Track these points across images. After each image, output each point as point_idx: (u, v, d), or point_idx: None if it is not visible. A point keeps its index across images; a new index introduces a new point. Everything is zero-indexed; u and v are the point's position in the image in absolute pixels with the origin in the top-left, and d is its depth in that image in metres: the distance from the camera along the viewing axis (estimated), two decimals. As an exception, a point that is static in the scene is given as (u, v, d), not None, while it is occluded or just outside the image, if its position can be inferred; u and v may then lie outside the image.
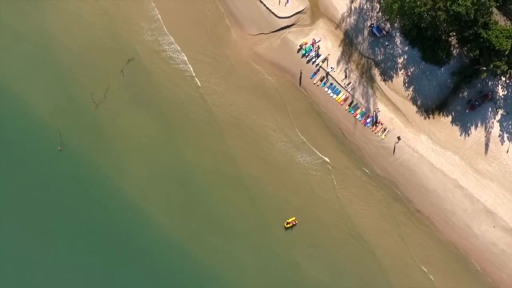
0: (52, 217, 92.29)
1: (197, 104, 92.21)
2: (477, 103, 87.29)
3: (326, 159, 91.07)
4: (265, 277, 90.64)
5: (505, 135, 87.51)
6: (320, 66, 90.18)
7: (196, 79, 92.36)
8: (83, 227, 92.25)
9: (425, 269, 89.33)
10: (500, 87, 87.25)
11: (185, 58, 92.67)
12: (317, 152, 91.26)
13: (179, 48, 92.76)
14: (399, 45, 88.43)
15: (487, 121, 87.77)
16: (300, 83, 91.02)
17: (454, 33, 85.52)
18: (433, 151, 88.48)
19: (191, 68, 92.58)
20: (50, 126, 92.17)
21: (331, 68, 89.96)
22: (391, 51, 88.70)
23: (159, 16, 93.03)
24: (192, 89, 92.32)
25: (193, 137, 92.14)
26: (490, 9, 79.98)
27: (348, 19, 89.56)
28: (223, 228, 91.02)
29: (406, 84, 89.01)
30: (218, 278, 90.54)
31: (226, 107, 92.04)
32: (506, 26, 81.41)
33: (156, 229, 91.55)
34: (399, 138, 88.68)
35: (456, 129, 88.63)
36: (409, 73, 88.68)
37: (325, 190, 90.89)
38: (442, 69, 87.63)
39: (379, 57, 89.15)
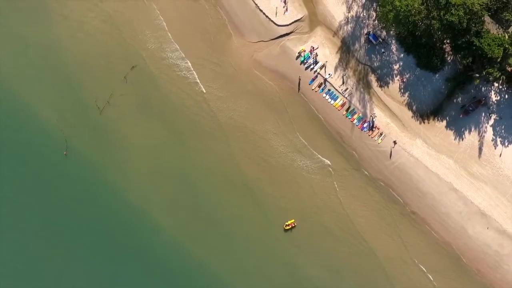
0: (58, 219, 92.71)
1: (201, 108, 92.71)
2: (470, 108, 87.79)
3: (328, 161, 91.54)
4: (265, 277, 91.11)
5: (498, 139, 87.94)
6: (318, 73, 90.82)
7: (200, 85, 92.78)
8: (88, 229, 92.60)
9: (424, 269, 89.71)
10: (493, 92, 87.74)
11: (189, 64, 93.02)
12: (318, 155, 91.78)
13: (183, 55, 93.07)
14: (394, 52, 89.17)
15: (481, 125, 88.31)
16: (299, 89, 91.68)
17: (448, 41, 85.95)
18: (428, 155, 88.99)
19: (195, 75, 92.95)
20: (56, 132, 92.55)
21: (329, 74, 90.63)
22: (387, 58, 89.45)
23: (164, 24, 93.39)
24: (196, 95, 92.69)
25: (196, 140, 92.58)
26: (482, 18, 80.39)
27: (345, 27, 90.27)
28: (224, 229, 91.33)
29: (402, 90, 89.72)
30: (218, 278, 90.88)
31: (229, 111, 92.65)
32: (498, 34, 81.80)
33: (159, 230, 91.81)
34: (395, 142, 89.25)
35: (450, 133, 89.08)
36: (404, 79, 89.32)
37: (326, 191, 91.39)
38: (437, 75, 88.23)
39: (375, 64, 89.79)
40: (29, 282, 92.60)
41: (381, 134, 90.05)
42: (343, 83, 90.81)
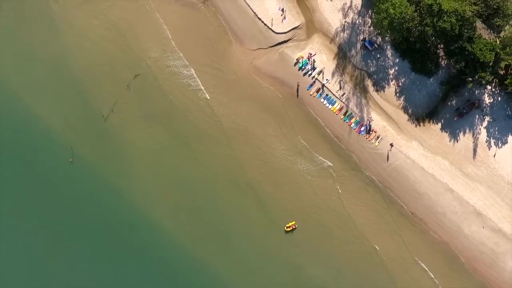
0: (62, 221, 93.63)
1: (205, 113, 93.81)
2: (465, 111, 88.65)
3: (329, 163, 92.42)
4: (267, 277, 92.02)
5: (492, 141, 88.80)
6: (316, 78, 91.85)
7: (204, 91, 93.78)
8: (91, 230, 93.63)
9: (425, 267, 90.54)
10: (486, 95, 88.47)
11: (193, 72, 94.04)
12: (319, 156, 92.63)
13: (186, 62, 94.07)
14: (390, 57, 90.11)
15: (475, 127, 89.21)
16: (297, 95, 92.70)
17: (442, 46, 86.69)
18: (424, 157, 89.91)
19: (199, 81, 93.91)
20: (62, 139, 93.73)
21: (326, 80, 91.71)
22: (383, 63, 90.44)
23: (168, 32, 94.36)
24: (200, 100, 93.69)
25: (199, 144, 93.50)
26: (474, 24, 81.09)
27: (342, 34, 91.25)
28: (226, 229, 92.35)
29: (398, 94, 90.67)
30: (219, 278, 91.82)
31: (231, 116, 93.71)
32: (490, 40, 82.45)
33: (161, 231, 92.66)
34: (392, 145, 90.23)
35: (445, 135, 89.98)
36: (400, 84, 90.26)
37: (327, 192, 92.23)
38: (431, 79, 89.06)
39: (371, 69, 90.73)
40: (29, 282, 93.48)
41: (378, 137, 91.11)
42: (340, 88, 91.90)
